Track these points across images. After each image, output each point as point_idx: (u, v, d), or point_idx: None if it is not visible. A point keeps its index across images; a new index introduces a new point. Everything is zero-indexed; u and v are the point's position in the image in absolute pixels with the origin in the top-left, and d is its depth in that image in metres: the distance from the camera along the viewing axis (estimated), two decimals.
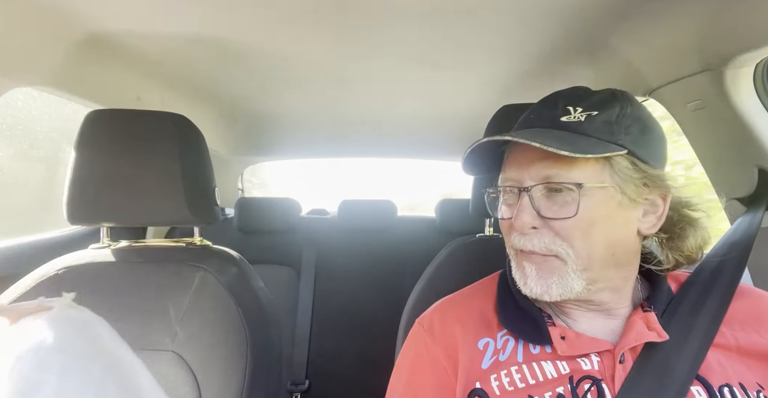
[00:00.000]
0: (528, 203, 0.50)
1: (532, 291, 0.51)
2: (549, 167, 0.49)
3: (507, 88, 1.22)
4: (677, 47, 0.75)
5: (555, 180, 0.49)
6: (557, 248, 0.49)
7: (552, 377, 0.49)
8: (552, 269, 0.50)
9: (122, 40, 0.90)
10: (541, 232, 0.50)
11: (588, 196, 0.49)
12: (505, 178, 0.54)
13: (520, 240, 0.51)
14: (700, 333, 0.50)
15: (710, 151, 0.81)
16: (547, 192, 0.50)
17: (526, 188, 0.50)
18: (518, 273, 0.53)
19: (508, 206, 0.54)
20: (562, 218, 0.49)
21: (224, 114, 1.54)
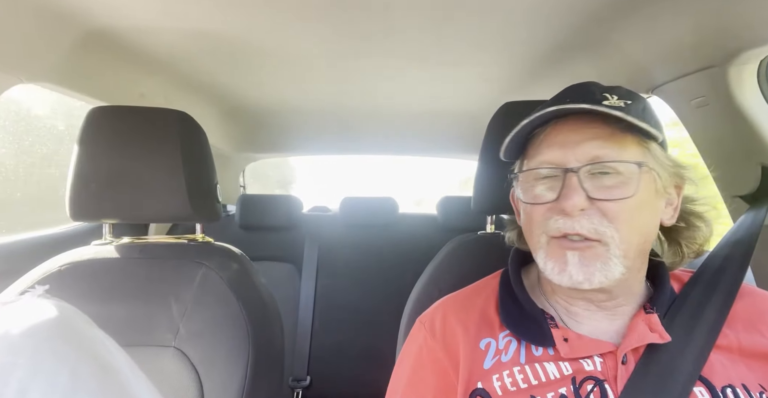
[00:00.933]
0: (578, 183, 0.48)
1: (572, 279, 0.48)
2: (600, 147, 0.49)
3: (510, 86, 1.22)
4: (681, 44, 0.74)
5: (605, 160, 0.48)
6: (605, 229, 0.48)
7: (555, 378, 0.49)
8: (595, 255, 0.48)
9: (125, 37, 0.90)
10: (589, 213, 0.48)
11: (642, 178, 0.49)
12: (541, 160, 0.51)
13: (566, 223, 0.48)
14: (702, 334, 0.50)
15: (713, 148, 0.81)
16: (593, 174, 0.49)
17: (572, 168, 0.49)
18: (552, 262, 0.50)
19: (547, 190, 0.51)
20: (616, 199, 0.48)
21: (226, 111, 1.54)
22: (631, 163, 0.49)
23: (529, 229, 0.54)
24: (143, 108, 0.79)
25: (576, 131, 0.50)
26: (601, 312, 0.54)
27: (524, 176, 0.54)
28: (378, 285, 1.66)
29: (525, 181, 0.54)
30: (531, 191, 0.53)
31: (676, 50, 0.77)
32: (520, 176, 0.54)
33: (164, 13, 0.81)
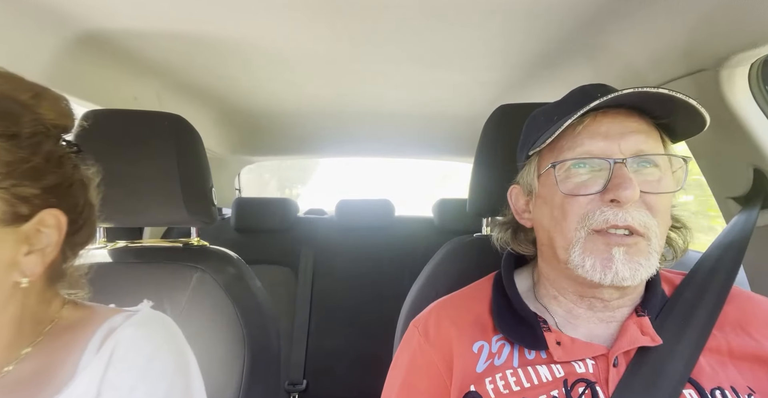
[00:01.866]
0: (630, 174, 0.47)
1: (617, 276, 0.47)
2: (643, 141, 0.49)
3: (505, 88, 1.22)
4: (673, 47, 0.75)
5: (649, 153, 0.49)
6: (651, 223, 0.47)
7: (547, 380, 0.49)
8: (639, 251, 0.48)
9: (118, 39, 0.90)
10: (637, 206, 0.48)
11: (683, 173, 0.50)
12: (583, 151, 0.50)
13: (616, 215, 0.47)
14: (693, 337, 0.50)
15: (706, 150, 0.82)
16: (637, 166, 0.49)
17: (619, 159, 0.48)
18: (593, 259, 0.48)
19: (588, 180, 0.50)
20: (663, 192, 0.48)
21: (221, 114, 1.53)
22: (678, 157, 0.51)
23: (560, 223, 0.51)
24: (137, 111, 0.79)
25: (617, 123, 0.50)
26: (602, 312, 0.54)
27: (560, 166, 0.51)
28: (374, 288, 1.66)
29: (560, 172, 0.51)
30: (569, 182, 0.51)
31: (668, 53, 0.78)
32: (557, 166, 0.51)
33: (156, 16, 0.81)
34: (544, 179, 0.54)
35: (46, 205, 0.41)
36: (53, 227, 0.42)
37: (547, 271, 0.58)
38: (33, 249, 0.41)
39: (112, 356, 0.43)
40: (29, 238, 0.41)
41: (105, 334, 0.45)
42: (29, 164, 0.39)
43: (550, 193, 0.53)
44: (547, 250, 0.56)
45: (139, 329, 0.46)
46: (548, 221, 0.53)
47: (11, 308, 0.41)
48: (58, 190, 0.42)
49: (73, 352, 0.44)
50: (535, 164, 0.57)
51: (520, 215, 0.61)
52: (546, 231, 0.54)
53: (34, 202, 0.40)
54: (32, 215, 0.40)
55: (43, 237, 0.41)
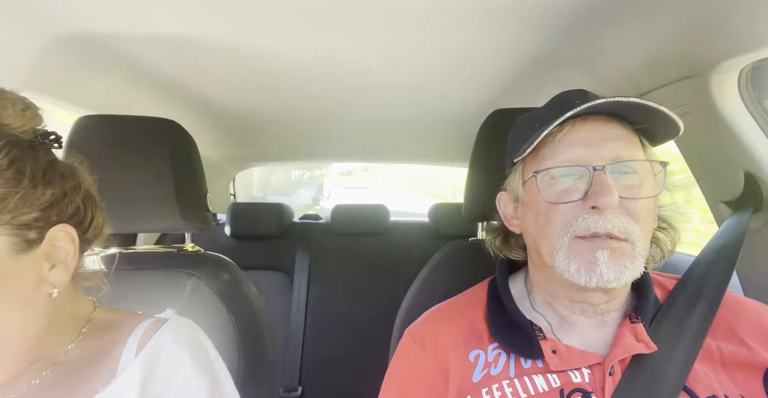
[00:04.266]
0: (609, 181, 0.48)
1: (602, 278, 0.47)
2: (621, 147, 0.50)
3: (499, 93, 1.23)
4: (665, 53, 0.76)
5: (628, 159, 0.50)
6: (632, 228, 0.48)
7: (543, 390, 0.49)
8: (623, 254, 0.48)
9: (112, 44, 0.89)
10: (617, 212, 0.48)
11: (662, 177, 0.51)
12: (564, 159, 0.51)
13: (597, 221, 0.47)
14: (687, 343, 0.50)
15: (697, 155, 0.83)
16: (615, 173, 0.50)
17: (598, 167, 0.49)
18: (577, 263, 0.49)
19: (569, 187, 0.51)
20: (643, 197, 0.49)
21: (216, 119, 1.53)
22: (653, 162, 0.51)
23: (545, 230, 0.52)
24: (132, 117, 0.79)
25: (596, 130, 0.51)
26: (594, 317, 0.54)
27: (543, 175, 0.52)
28: (370, 293, 1.65)
29: (543, 180, 0.52)
30: (551, 190, 0.51)
31: (661, 59, 0.79)
32: (539, 175, 0.52)
33: (152, 21, 0.81)
34: (528, 187, 0.55)
35: (50, 223, 0.42)
36: (66, 240, 0.44)
37: (538, 277, 0.58)
38: (55, 263, 0.43)
39: (153, 361, 0.47)
40: (48, 256, 0.43)
41: (140, 337, 0.49)
42: (19, 193, 0.39)
43: (534, 201, 0.54)
44: (535, 256, 0.56)
45: (177, 334, 0.50)
46: (534, 228, 0.54)
47: (50, 312, 0.45)
48: (56, 205, 0.43)
49: (112, 351, 0.48)
50: (519, 171, 0.58)
51: (509, 222, 0.61)
52: (532, 238, 0.55)
53: (38, 225, 0.41)
54: (42, 236, 0.42)
55: (61, 251, 0.44)
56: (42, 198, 0.41)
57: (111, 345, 0.49)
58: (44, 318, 0.44)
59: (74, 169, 0.48)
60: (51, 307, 0.45)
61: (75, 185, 0.47)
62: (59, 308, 0.46)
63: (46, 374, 0.45)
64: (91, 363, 0.47)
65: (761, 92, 0.72)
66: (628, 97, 0.48)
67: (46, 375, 0.45)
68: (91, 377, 0.46)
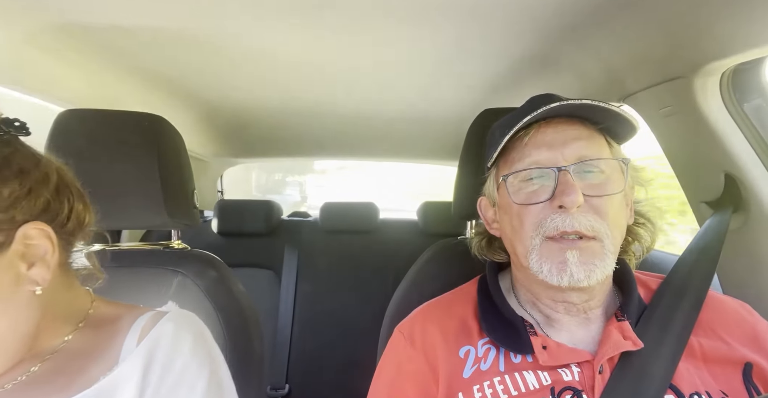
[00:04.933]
0: (573, 180, 0.49)
1: (573, 278, 0.49)
2: (585, 147, 0.51)
3: (488, 93, 1.24)
4: (650, 55, 0.78)
5: (591, 158, 0.51)
6: (599, 226, 0.49)
7: (534, 388, 0.50)
8: (593, 253, 0.49)
9: (96, 36, 0.87)
10: (584, 210, 0.49)
11: (626, 175, 0.52)
12: (531, 161, 0.53)
13: (564, 221, 0.49)
14: (672, 341, 0.51)
15: (680, 155, 0.85)
16: (578, 173, 0.51)
17: (563, 167, 0.50)
18: (549, 263, 0.50)
19: (539, 190, 0.52)
20: (607, 194, 0.50)
21: (203, 115, 1.51)
22: (617, 160, 0.53)
23: (518, 232, 0.53)
24: (117, 112, 0.77)
25: (559, 132, 0.53)
26: (578, 316, 0.55)
27: (513, 177, 0.54)
28: (359, 291, 1.65)
29: (513, 183, 0.54)
30: (522, 193, 0.53)
31: (646, 61, 0.80)
32: (509, 178, 0.54)
33: (139, 13, 0.79)
34: (502, 191, 0.57)
35: (16, 223, 0.40)
36: (40, 238, 0.42)
37: (521, 277, 0.59)
38: (33, 261, 0.42)
39: (154, 349, 0.48)
40: (24, 255, 0.41)
41: (142, 328, 0.50)
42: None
43: (507, 203, 0.55)
44: (514, 257, 0.58)
45: (177, 325, 0.51)
46: (509, 231, 0.56)
47: (42, 307, 0.45)
48: (18, 203, 0.41)
49: (113, 342, 0.49)
50: (493, 176, 0.60)
51: (490, 226, 0.63)
52: (509, 240, 0.57)
53: (3, 227, 0.40)
54: (10, 237, 0.40)
55: (37, 248, 0.42)
56: (2, 198, 0.39)
57: (111, 335, 0.50)
58: (34, 313, 0.45)
59: (38, 160, 0.44)
60: (42, 303, 0.45)
61: (40, 177, 0.43)
62: (53, 302, 0.47)
63: (43, 364, 0.46)
64: (91, 353, 0.48)
65: (742, 95, 0.74)
66: (581, 100, 0.50)
67: (43, 365, 0.46)
68: (91, 366, 0.47)
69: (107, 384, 0.45)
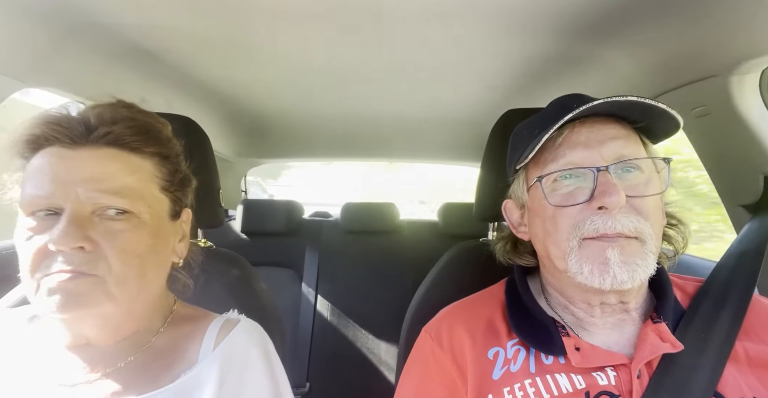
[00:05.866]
0: (614, 181, 0.47)
1: (616, 279, 0.46)
2: (623, 146, 0.50)
3: (511, 93, 1.22)
4: (683, 53, 0.75)
5: (631, 158, 0.49)
6: (643, 226, 0.47)
7: (567, 391, 0.48)
8: (634, 252, 0.47)
9: (127, 41, 0.91)
10: (626, 211, 0.48)
11: (666, 174, 0.51)
12: (567, 162, 0.51)
13: (605, 222, 0.47)
14: (715, 347, 0.49)
15: (715, 157, 0.81)
16: (618, 172, 0.49)
17: (603, 167, 0.48)
18: (590, 264, 0.48)
19: (574, 190, 0.50)
20: (649, 195, 0.49)
21: (228, 116, 1.54)
22: (655, 159, 0.51)
23: (552, 235, 0.51)
24: None
25: (595, 131, 0.51)
26: (613, 316, 0.53)
27: (546, 179, 0.52)
28: (378, 291, 1.65)
29: (547, 185, 0.52)
30: (556, 194, 0.51)
31: (678, 59, 0.77)
32: (543, 180, 0.52)
33: (167, 19, 0.82)
34: (533, 193, 0.55)
35: (183, 204, 0.56)
36: (187, 222, 0.57)
37: (552, 281, 0.57)
38: (182, 238, 0.56)
39: (228, 357, 0.53)
40: (178, 230, 0.55)
41: (217, 333, 0.55)
42: (181, 175, 0.55)
43: (540, 206, 0.53)
44: (547, 261, 0.56)
45: (250, 338, 0.56)
46: (542, 234, 0.54)
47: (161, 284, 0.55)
48: (188, 193, 0.57)
49: (192, 341, 0.54)
50: (523, 177, 0.57)
51: (517, 229, 0.61)
52: (541, 243, 0.54)
53: (182, 202, 0.55)
54: (179, 212, 0.55)
55: (184, 229, 0.56)
56: (188, 184, 0.57)
57: (191, 335, 0.55)
58: (160, 287, 0.54)
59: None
60: (161, 283, 0.54)
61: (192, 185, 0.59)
62: (157, 291, 0.54)
63: (138, 354, 0.51)
64: (176, 349, 0.53)
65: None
66: (625, 97, 0.47)
67: (138, 356, 0.51)
68: (176, 362, 0.52)
69: (187, 382, 0.50)
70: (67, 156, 0.45)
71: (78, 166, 0.45)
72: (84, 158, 0.46)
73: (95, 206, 0.45)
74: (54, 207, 0.44)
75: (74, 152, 0.46)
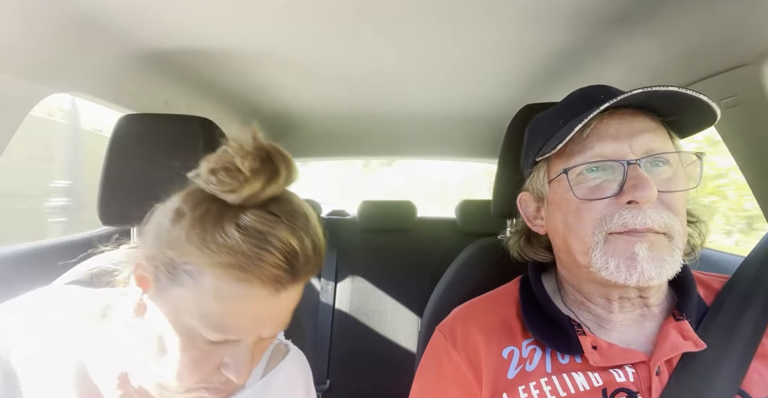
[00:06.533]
0: (646, 174, 0.46)
1: (643, 275, 0.45)
2: (653, 140, 0.48)
3: (529, 88, 1.20)
4: (711, 42, 0.72)
5: (661, 152, 0.48)
6: (672, 222, 0.46)
7: (584, 389, 0.47)
8: (662, 247, 0.46)
9: (150, 46, 0.93)
10: (655, 206, 0.46)
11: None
12: (594, 154, 0.49)
13: (635, 217, 0.45)
14: (740, 345, 0.47)
15: (746, 149, 0.78)
16: (648, 165, 0.48)
17: (633, 160, 0.47)
18: (616, 259, 0.46)
19: (601, 183, 0.49)
20: (680, 190, 0.48)
21: (248, 116, 1.57)
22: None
23: (575, 228, 0.50)
24: (169, 116, 0.82)
25: (624, 123, 0.49)
26: (633, 312, 0.52)
27: (572, 171, 0.50)
28: (396, 289, 1.65)
29: (572, 177, 0.50)
30: (582, 187, 0.49)
31: (705, 49, 0.74)
32: (570, 172, 0.50)
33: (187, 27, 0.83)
34: (556, 185, 0.53)
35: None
36: None
37: (569, 277, 0.56)
38: None
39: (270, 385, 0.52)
40: None
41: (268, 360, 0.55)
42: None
43: (563, 199, 0.52)
44: (565, 256, 0.54)
45: (299, 370, 0.57)
46: (563, 227, 0.52)
47: None
48: None
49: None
50: (544, 170, 0.55)
51: (532, 222, 0.59)
52: (561, 237, 0.53)
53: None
54: None
55: None
56: None
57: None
58: None
59: None
60: None
61: None
62: None
63: None
64: None
65: None
66: (666, 87, 0.45)
67: None
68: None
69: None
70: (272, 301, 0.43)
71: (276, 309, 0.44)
72: (283, 298, 0.43)
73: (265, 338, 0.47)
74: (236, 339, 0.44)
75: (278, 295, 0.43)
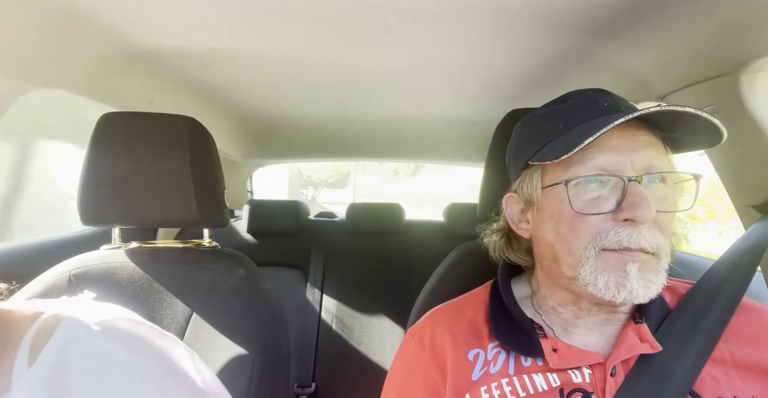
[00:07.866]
0: (645, 193, 0.45)
1: (632, 294, 0.45)
2: (654, 156, 0.47)
3: (515, 93, 1.22)
4: (691, 53, 0.74)
5: (660, 171, 0.47)
6: (662, 243, 0.46)
7: (542, 389, 0.48)
8: (650, 268, 0.46)
9: (136, 43, 0.92)
10: (649, 226, 0.46)
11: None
12: (595, 166, 0.47)
13: (630, 236, 0.45)
14: (697, 347, 0.48)
15: (725, 156, 0.80)
16: (647, 182, 0.47)
17: (633, 177, 0.46)
18: (606, 276, 0.46)
19: (598, 197, 0.47)
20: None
21: (234, 117, 1.55)
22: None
23: (567, 241, 0.49)
24: (153, 114, 0.80)
25: (627, 136, 0.48)
26: (597, 317, 0.53)
27: (571, 182, 0.49)
28: (384, 292, 1.65)
29: (571, 188, 0.49)
30: (578, 199, 0.48)
31: (686, 58, 0.76)
32: (571, 183, 0.49)
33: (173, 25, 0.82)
34: (550, 193, 0.52)
35: None
36: None
37: (547, 284, 0.56)
38: None
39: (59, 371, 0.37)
40: None
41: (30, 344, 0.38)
42: None
43: (556, 208, 0.50)
44: (549, 264, 0.54)
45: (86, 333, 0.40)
46: (552, 237, 0.51)
47: None
48: None
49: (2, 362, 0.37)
50: (538, 175, 0.54)
51: (517, 225, 0.59)
52: (549, 246, 0.52)
53: None
54: None
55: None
56: None
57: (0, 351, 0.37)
58: None
59: None
60: None
61: None
62: None
63: None
64: None
65: None
66: (684, 107, 0.44)
67: None
68: None
69: None
70: None
71: None
72: None
73: None
74: None
75: None
